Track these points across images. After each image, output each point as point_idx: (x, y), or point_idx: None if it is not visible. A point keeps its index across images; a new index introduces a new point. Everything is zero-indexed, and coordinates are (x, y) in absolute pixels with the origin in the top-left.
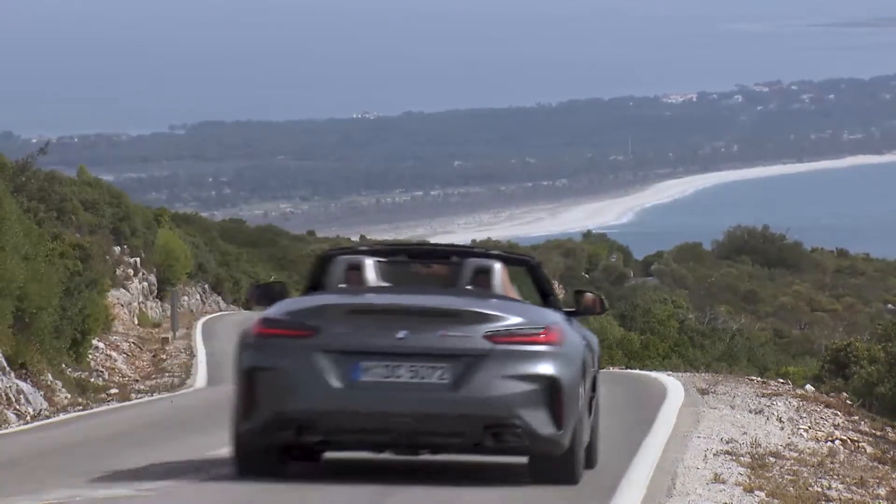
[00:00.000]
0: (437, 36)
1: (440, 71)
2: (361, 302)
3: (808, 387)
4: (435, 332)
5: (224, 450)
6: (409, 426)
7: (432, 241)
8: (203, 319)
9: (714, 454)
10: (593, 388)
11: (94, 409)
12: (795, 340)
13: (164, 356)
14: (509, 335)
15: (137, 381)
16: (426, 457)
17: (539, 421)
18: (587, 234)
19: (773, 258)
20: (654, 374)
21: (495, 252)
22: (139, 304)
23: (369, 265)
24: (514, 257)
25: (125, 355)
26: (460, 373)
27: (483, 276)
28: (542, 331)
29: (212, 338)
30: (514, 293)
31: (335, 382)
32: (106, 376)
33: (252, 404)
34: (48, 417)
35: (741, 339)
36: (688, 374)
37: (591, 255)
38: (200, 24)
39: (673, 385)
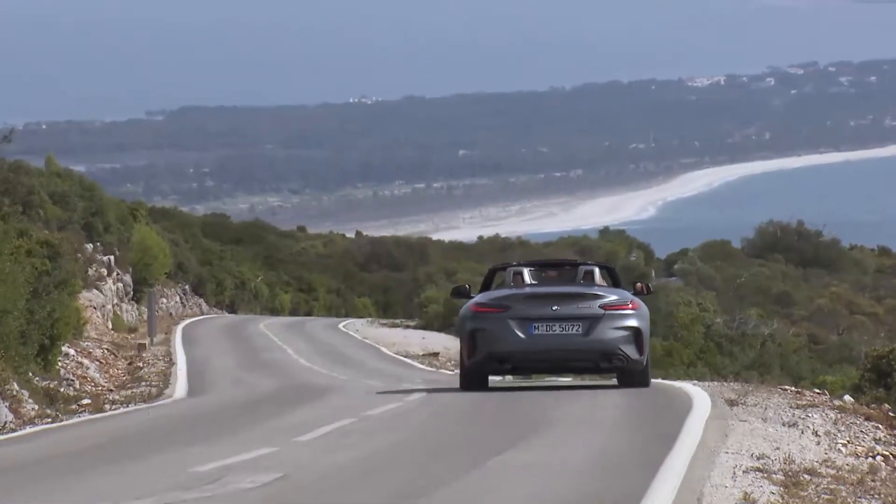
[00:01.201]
0: (442, 14)
1: (444, 52)
2: (530, 292)
3: (847, 397)
4: (573, 305)
5: (210, 465)
6: (562, 357)
7: (434, 237)
8: (183, 324)
9: (744, 471)
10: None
11: (65, 422)
12: (833, 347)
13: (140, 364)
14: (612, 305)
15: (111, 390)
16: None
17: (631, 350)
18: (604, 231)
19: (808, 257)
20: (677, 383)
21: (592, 262)
22: (113, 306)
23: (526, 272)
24: (602, 264)
25: (98, 363)
26: (588, 327)
27: (589, 274)
28: (629, 302)
29: (193, 344)
30: (605, 283)
31: (520, 335)
32: (77, 386)
33: (474, 349)
34: (13, 431)
35: (773, 346)
36: (715, 383)
37: (609, 253)
38: (181, 1)
39: (699, 396)
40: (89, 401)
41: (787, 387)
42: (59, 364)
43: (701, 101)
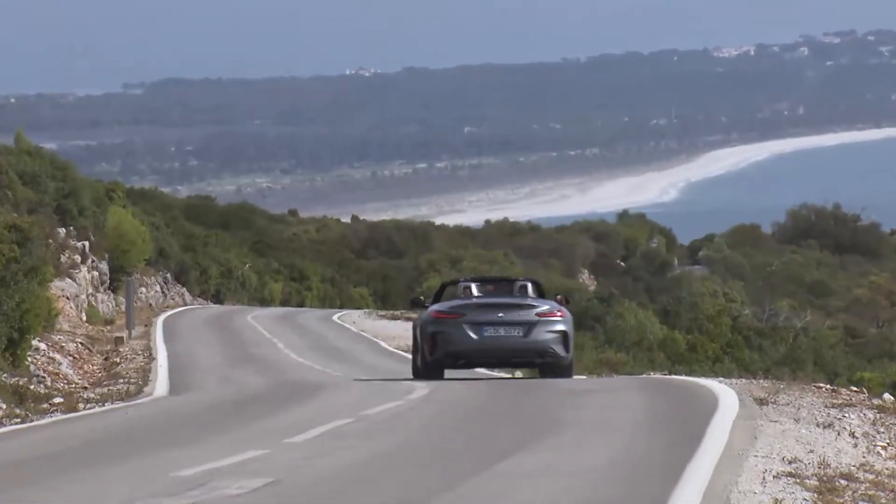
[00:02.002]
0: None
1: (449, 19)
2: (481, 302)
3: (887, 395)
4: (514, 313)
5: (194, 470)
6: (506, 354)
7: (437, 221)
8: (164, 315)
9: (774, 476)
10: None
11: (35, 422)
12: (872, 341)
13: (117, 359)
14: (545, 313)
15: (86, 388)
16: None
17: (560, 349)
18: (623, 214)
19: (845, 243)
20: (702, 380)
21: (524, 278)
22: (88, 297)
23: (474, 286)
24: (532, 280)
25: (71, 358)
26: (526, 331)
27: (523, 288)
28: (558, 311)
29: (175, 337)
30: (535, 295)
31: (473, 336)
32: (48, 383)
33: (434, 347)
34: None
35: (807, 340)
36: (743, 380)
37: (628, 238)
38: None
39: (725, 394)
40: (62, 399)
41: (821, 384)
42: (29, 359)
43: (728, 73)
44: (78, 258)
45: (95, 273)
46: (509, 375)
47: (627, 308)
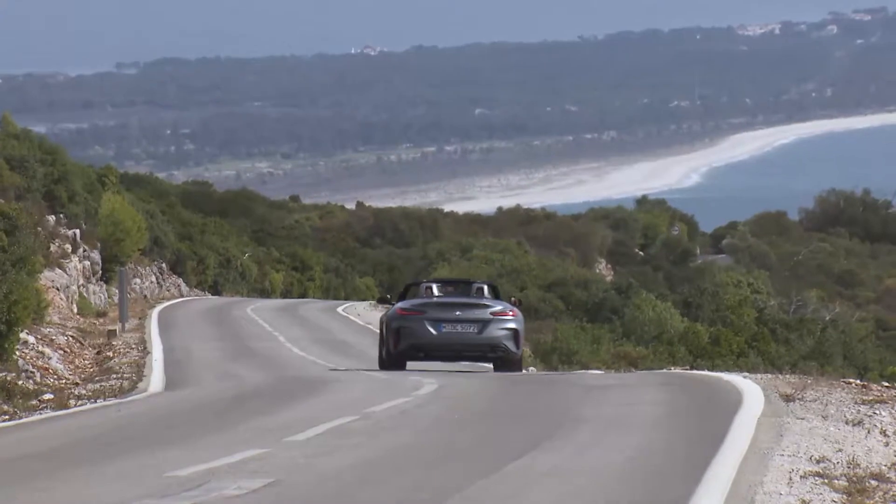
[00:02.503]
0: None
1: None
2: (441, 301)
3: None
4: (470, 312)
5: (190, 469)
6: (462, 348)
7: (446, 208)
8: (159, 307)
9: (801, 476)
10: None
11: (24, 419)
12: None
13: (110, 353)
14: (498, 312)
15: (77, 384)
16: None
17: (511, 345)
18: (642, 201)
19: (875, 230)
20: (726, 375)
21: (481, 280)
22: (79, 287)
23: (435, 286)
24: (488, 282)
25: (62, 352)
26: (481, 328)
27: (479, 290)
28: (510, 311)
29: (170, 330)
30: (490, 297)
31: (433, 332)
32: (38, 378)
33: (398, 341)
34: None
35: (835, 333)
36: (768, 375)
37: (648, 226)
38: None
39: (750, 390)
40: (52, 395)
41: (850, 379)
42: (17, 353)
43: (753, 52)
44: (69, 247)
45: (87, 263)
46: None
47: (646, 299)
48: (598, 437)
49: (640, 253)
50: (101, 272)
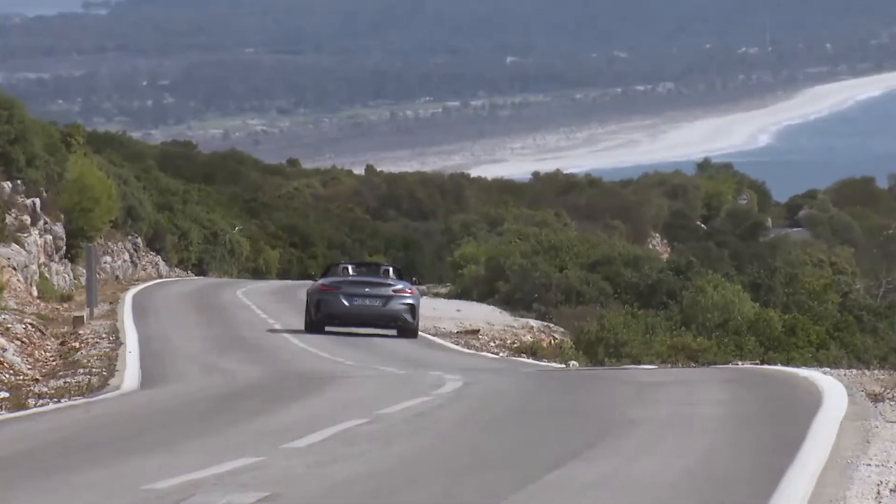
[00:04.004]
0: None
1: None
2: (353, 279)
3: None
4: (376, 289)
5: (171, 481)
6: (368, 318)
7: (472, 173)
8: (134, 290)
9: (891, 490)
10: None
11: None
12: None
13: (76, 344)
14: (399, 290)
15: (38, 380)
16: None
17: (409, 317)
18: (704, 164)
19: None
20: (802, 371)
21: (388, 264)
22: (40, 266)
23: (350, 267)
24: (393, 265)
25: (19, 342)
26: (384, 302)
27: (386, 271)
28: (409, 289)
29: (147, 317)
30: (395, 277)
31: (346, 304)
32: None
33: (318, 311)
34: None
35: None
36: (853, 371)
37: (711, 194)
38: None
39: (831, 388)
40: (7, 394)
41: None
42: None
43: None
44: (27, 219)
45: (49, 238)
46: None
47: (710, 280)
48: (651, 443)
49: (702, 226)
50: (65, 249)
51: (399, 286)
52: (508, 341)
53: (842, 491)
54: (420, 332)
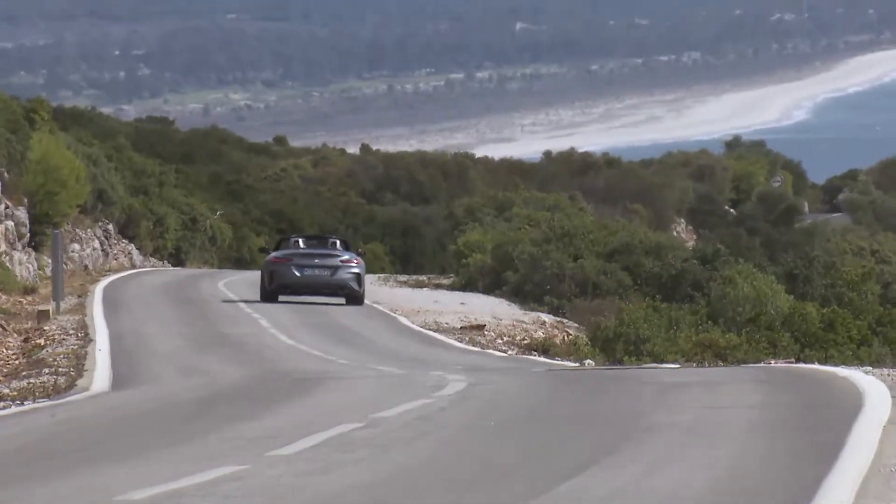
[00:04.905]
0: None
1: None
2: (303, 252)
3: None
4: (325, 260)
5: (145, 492)
6: (318, 286)
7: (478, 153)
8: (105, 282)
9: None
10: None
11: None
12: None
13: (41, 341)
14: (345, 260)
15: None
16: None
17: (356, 285)
18: (733, 143)
19: None
20: (842, 370)
21: (335, 236)
22: (0, 256)
23: (301, 240)
24: (341, 238)
25: None
26: (332, 272)
27: (334, 244)
28: (355, 259)
29: (120, 311)
30: (342, 249)
31: (297, 274)
32: None
33: (272, 281)
34: None
35: None
36: None
37: (740, 176)
38: None
39: (873, 389)
40: None
41: None
42: None
43: None
44: None
45: (10, 224)
46: (329, 302)
47: (740, 271)
48: (674, 450)
49: (731, 211)
50: (28, 236)
51: (346, 257)
52: (517, 338)
53: (885, 503)
54: (421, 329)
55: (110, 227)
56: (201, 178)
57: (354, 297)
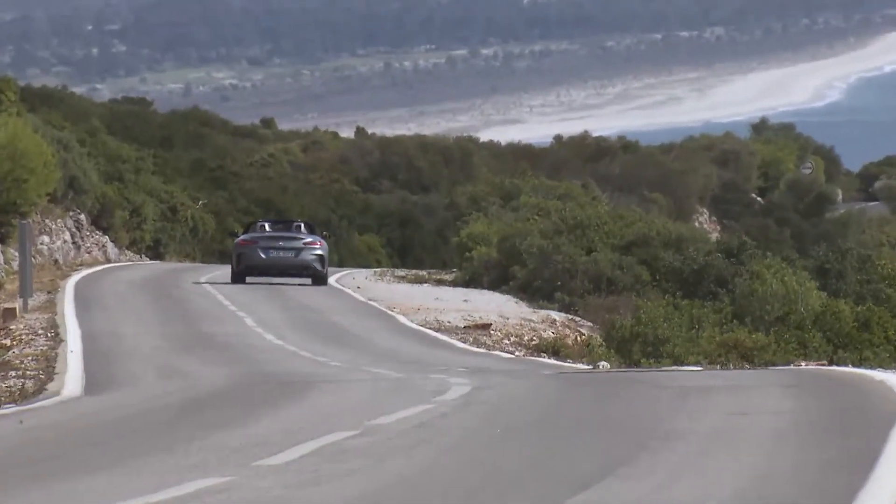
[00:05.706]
0: None
1: None
2: (269, 235)
3: None
4: (290, 242)
5: None
6: (283, 267)
7: (483, 136)
8: (77, 277)
9: None
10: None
11: None
12: None
13: (7, 341)
14: (309, 243)
15: None
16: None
17: (319, 266)
18: (760, 126)
19: None
20: (878, 373)
21: (301, 220)
22: None
23: (267, 224)
24: (307, 222)
25: None
26: (296, 254)
27: (298, 227)
28: (318, 242)
29: (92, 309)
30: (307, 232)
31: (263, 256)
32: None
33: (239, 263)
34: None
35: None
36: None
37: (768, 161)
38: None
39: None
40: None
41: None
42: None
43: None
44: None
45: None
46: (297, 283)
47: (768, 265)
48: (695, 460)
49: (758, 200)
50: None
51: (309, 239)
52: (525, 338)
53: None
54: (420, 328)
55: (82, 217)
56: (182, 164)
57: (318, 278)
